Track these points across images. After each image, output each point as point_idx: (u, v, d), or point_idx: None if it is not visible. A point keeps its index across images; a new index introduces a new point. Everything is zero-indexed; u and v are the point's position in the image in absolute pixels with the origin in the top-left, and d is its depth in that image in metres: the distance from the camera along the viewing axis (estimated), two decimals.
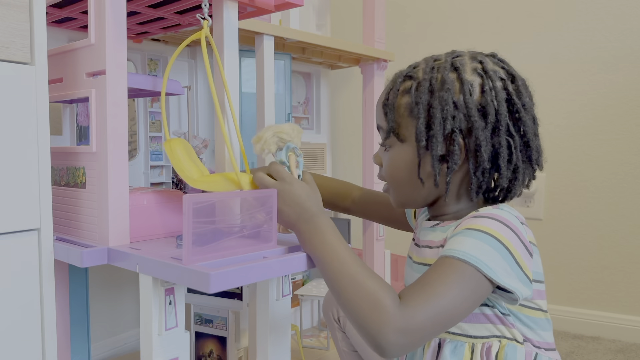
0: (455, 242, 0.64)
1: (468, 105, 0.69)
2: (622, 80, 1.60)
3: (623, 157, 1.60)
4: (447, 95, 0.69)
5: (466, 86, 0.69)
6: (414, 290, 0.60)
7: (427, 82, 0.71)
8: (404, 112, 0.73)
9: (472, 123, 0.69)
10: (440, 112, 0.69)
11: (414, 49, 1.93)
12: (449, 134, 0.69)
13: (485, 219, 0.66)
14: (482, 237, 0.63)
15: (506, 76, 0.72)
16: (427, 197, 0.76)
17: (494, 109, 0.69)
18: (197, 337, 1.22)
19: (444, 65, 0.72)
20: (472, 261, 0.60)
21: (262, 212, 0.73)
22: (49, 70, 0.70)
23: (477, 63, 0.72)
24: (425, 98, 0.70)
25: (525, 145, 0.71)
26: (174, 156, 0.80)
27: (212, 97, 1.40)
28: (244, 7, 0.91)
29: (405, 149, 0.74)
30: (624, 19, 1.58)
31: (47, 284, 0.70)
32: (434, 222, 0.77)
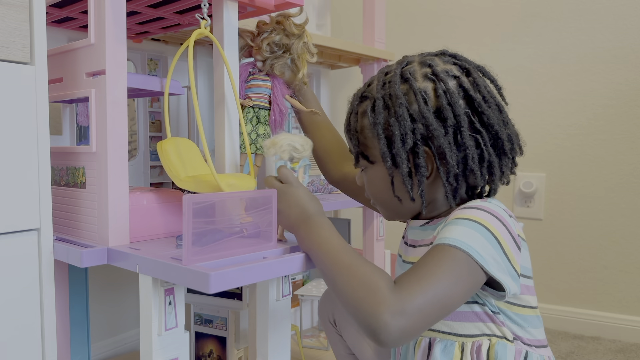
0: (445, 231, 0.64)
1: (424, 114, 0.67)
2: (622, 80, 1.60)
3: (623, 157, 1.60)
4: (400, 110, 0.68)
5: (419, 95, 0.68)
6: (407, 275, 0.60)
7: (381, 100, 0.70)
8: (368, 134, 0.73)
9: (431, 132, 0.67)
10: (398, 129, 0.68)
11: (414, 49, 1.93)
12: (411, 148, 0.68)
13: (474, 210, 0.66)
14: (472, 225, 0.63)
15: (459, 72, 0.71)
16: (412, 210, 0.75)
17: (451, 112, 0.68)
18: (197, 337, 1.22)
19: (394, 78, 0.70)
20: (463, 247, 0.60)
21: (262, 213, 0.73)
22: (49, 70, 0.70)
23: (427, 67, 0.71)
24: (381, 117, 0.70)
25: (495, 137, 0.69)
26: (164, 155, 0.80)
27: (212, 97, 1.40)
28: (244, 7, 0.91)
29: (376, 169, 0.74)
30: (624, 19, 1.58)
31: (46, 284, 0.70)
32: (423, 221, 0.76)
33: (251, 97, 0.89)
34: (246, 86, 0.90)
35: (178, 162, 0.81)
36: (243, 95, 0.89)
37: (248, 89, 0.90)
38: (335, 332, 0.94)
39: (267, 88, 0.90)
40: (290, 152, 0.76)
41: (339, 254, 0.63)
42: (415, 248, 0.76)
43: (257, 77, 0.90)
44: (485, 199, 0.70)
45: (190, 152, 0.85)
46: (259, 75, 0.90)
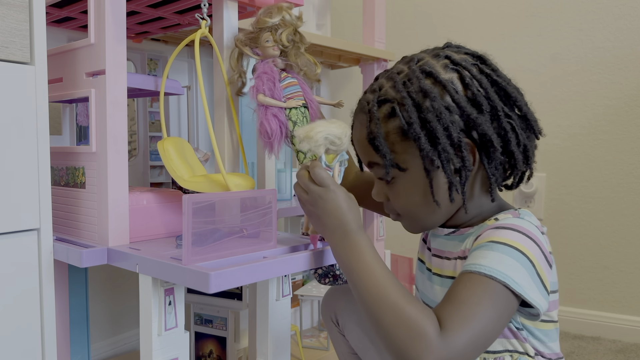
0: (480, 256, 0.61)
1: (460, 104, 0.65)
2: (622, 80, 1.60)
3: (623, 157, 1.60)
4: (436, 103, 0.64)
5: (449, 86, 0.65)
6: (449, 313, 0.57)
7: (408, 98, 0.66)
8: (396, 139, 0.68)
9: (471, 120, 0.65)
10: (439, 123, 0.64)
11: (414, 49, 1.93)
12: (455, 141, 0.65)
13: (508, 231, 0.63)
14: (507, 250, 0.60)
15: (476, 60, 0.70)
16: (447, 215, 0.72)
17: (485, 97, 0.66)
18: (197, 337, 1.22)
19: (415, 74, 0.67)
20: (501, 278, 0.58)
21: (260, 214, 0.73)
22: (49, 70, 0.70)
23: (444, 59, 0.68)
24: (415, 116, 0.65)
25: (525, 119, 0.68)
26: (166, 156, 0.80)
27: (212, 97, 1.40)
28: (244, 7, 0.91)
29: (410, 175, 0.69)
30: (624, 19, 1.58)
31: (46, 284, 0.70)
32: (448, 230, 0.73)
33: (293, 96, 0.80)
34: (282, 86, 0.80)
35: (180, 162, 0.81)
36: (281, 97, 0.79)
37: (286, 89, 0.80)
38: (337, 332, 0.94)
39: (298, 85, 0.82)
40: (326, 146, 0.68)
41: (383, 287, 0.59)
42: (442, 260, 0.74)
43: (285, 75, 0.81)
44: (517, 214, 0.68)
45: (186, 151, 0.85)
46: (285, 74, 0.81)
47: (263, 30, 0.79)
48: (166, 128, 0.86)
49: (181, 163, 0.81)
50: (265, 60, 0.80)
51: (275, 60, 0.80)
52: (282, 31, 0.78)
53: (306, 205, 0.68)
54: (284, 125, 0.78)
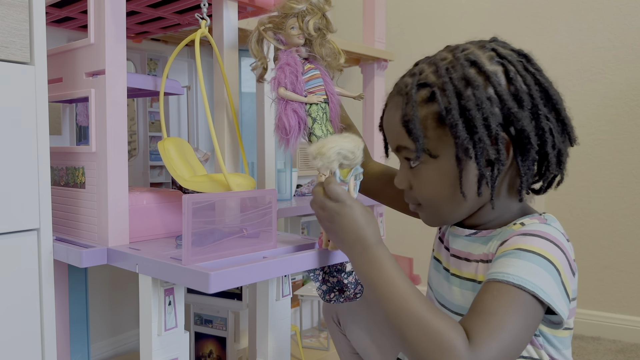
0: (507, 264, 0.60)
1: (502, 96, 0.63)
2: (622, 80, 1.60)
3: (623, 157, 1.60)
4: (478, 92, 0.63)
5: (493, 78, 0.64)
6: (478, 325, 0.56)
7: (450, 84, 0.64)
8: (431, 124, 0.65)
9: (512, 114, 0.63)
10: (479, 112, 0.62)
11: (413, 48, 1.93)
12: (493, 132, 0.63)
13: (535, 238, 0.62)
14: (536, 259, 0.59)
15: (521, 57, 0.68)
16: (469, 211, 0.70)
17: (527, 94, 0.64)
18: (197, 337, 1.22)
19: (460, 62, 0.65)
20: (529, 287, 0.57)
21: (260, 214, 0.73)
22: (49, 70, 0.70)
23: (490, 51, 0.67)
24: (455, 102, 0.63)
25: (562, 124, 0.66)
26: (167, 156, 0.80)
27: (212, 96, 1.40)
28: (244, 7, 0.91)
29: (440, 163, 0.67)
30: (624, 19, 1.58)
31: (46, 284, 0.70)
32: (470, 231, 0.72)
33: (315, 91, 0.75)
34: (305, 79, 0.75)
35: (180, 162, 0.81)
36: (302, 91, 0.74)
37: (308, 82, 0.75)
38: (339, 332, 0.94)
39: (320, 78, 0.76)
40: (339, 161, 0.66)
41: (407, 301, 0.58)
42: (460, 261, 0.72)
43: (308, 66, 0.76)
44: (544, 219, 0.67)
45: (186, 151, 0.85)
46: (308, 65, 0.76)
47: (288, 16, 0.74)
48: (166, 128, 0.86)
49: (182, 163, 0.81)
50: (289, 50, 0.75)
51: (299, 50, 0.75)
52: (310, 19, 0.74)
53: (323, 222, 0.67)
54: (303, 122, 0.74)
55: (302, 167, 1.69)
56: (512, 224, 0.68)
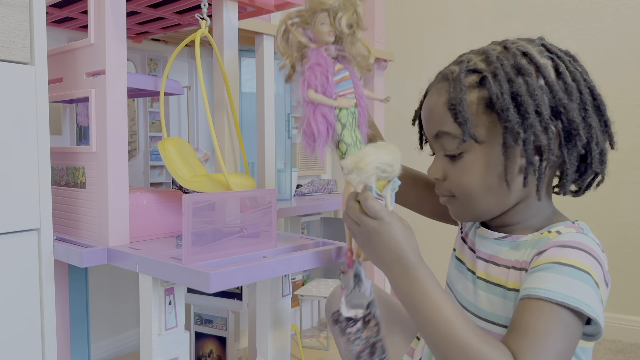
0: (547, 279, 0.59)
1: (553, 87, 0.63)
2: (622, 80, 1.60)
3: (623, 157, 1.60)
4: (530, 79, 0.63)
5: (544, 69, 0.64)
6: (523, 347, 0.55)
7: (501, 70, 0.64)
8: (478, 109, 0.64)
9: (562, 105, 0.63)
10: (530, 98, 0.62)
11: (413, 48, 1.93)
12: (545, 119, 0.62)
13: (575, 251, 0.61)
14: (576, 273, 0.58)
15: (569, 56, 0.69)
16: (506, 206, 0.68)
17: (576, 89, 0.65)
18: (197, 337, 1.22)
19: (510, 52, 0.65)
20: (573, 303, 0.57)
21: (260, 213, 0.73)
22: (49, 70, 0.70)
23: (539, 46, 0.68)
24: (507, 87, 0.63)
25: (605, 125, 0.66)
26: (167, 156, 0.80)
27: (212, 96, 1.40)
28: (244, 7, 0.91)
29: (485, 150, 0.65)
30: (624, 19, 1.58)
31: (47, 284, 0.70)
32: (499, 234, 0.70)
33: (345, 94, 0.70)
34: (335, 81, 0.70)
35: (181, 162, 0.81)
36: (333, 94, 0.69)
37: (339, 84, 0.70)
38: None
39: (350, 79, 0.71)
40: (377, 175, 0.63)
41: (453, 326, 0.57)
42: (488, 264, 0.70)
43: (338, 67, 0.71)
44: (580, 228, 0.66)
45: (186, 151, 0.85)
46: (338, 65, 0.71)
47: (318, 11, 0.68)
48: (166, 128, 0.86)
49: (182, 163, 0.81)
50: (318, 48, 0.69)
51: (328, 48, 0.70)
52: (342, 15, 0.68)
53: (359, 237, 0.65)
54: (332, 127, 0.69)
55: (302, 167, 1.69)
56: (546, 231, 0.66)
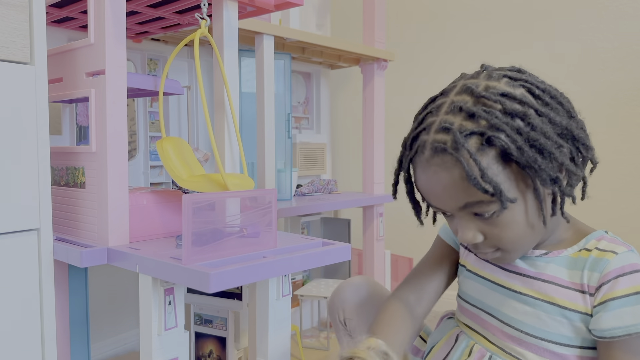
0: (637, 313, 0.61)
1: (548, 115, 0.64)
2: (622, 80, 1.60)
3: (623, 157, 1.60)
4: (531, 120, 0.61)
5: (528, 101, 0.63)
6: None
7: (501, 122, 0.61)
8: (497, 169, 0.62)
9: (564, 127, 0.65)
10: (545, 137, 0.61)
11: (413, 49, 1.93)
12: (567, 150, 0.64)
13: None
14: None
15: (522, 73, 0.68)
16: (543, 234, 0.70)
17: (558, 103, 0.66)
18: (197, 337, 1.22)
19: (489, 99, 0.63)
20: None
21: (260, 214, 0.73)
22: (49, 70, 0.70)
23: (503, 78, 0.66)
24: (519, 138, 0.61)
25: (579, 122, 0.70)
26: (165, 156, 0.80)
27: (212, 96, 1.40)
28: (244, 7, 0.91)
29: (518, 204, 0.64)
30: (624, 19, 1.58)
31: (46, 284, 0.70)
32: (539, 252, 0.71)
33: None
34: None
35: (179, 162, 0.81)
36: None
37: None
38: (345, 333, 0.93)
39: None
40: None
41: None
42: (537, 281, 0.70)
43: None
44: (626, 245, 0.69)
45: (185, 151, 0.85)
46: None
47: None
48: (166, 128, 0.87)
49: (180, 163, 0.81)
50: None
51: None
52: None
53: None
54: None
55: (302, 167, 1.69)
56: (595, 249, 0.69)
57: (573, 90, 1.84)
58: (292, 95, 1.71)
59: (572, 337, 0.66)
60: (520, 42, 1.75)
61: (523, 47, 1.74)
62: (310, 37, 1.39)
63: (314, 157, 1.73)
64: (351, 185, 1.99)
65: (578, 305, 0.66)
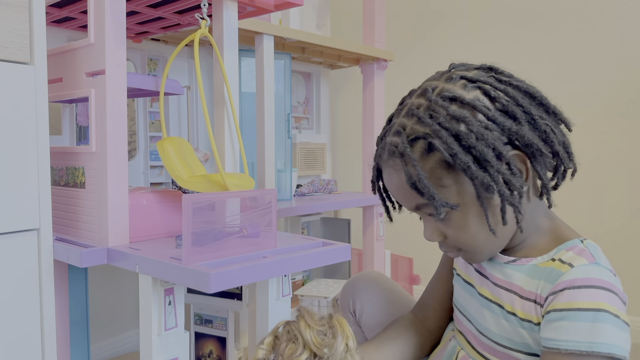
0: (572, 330, 0.58)
1: (496, 119, 0.62)
2: (622, 80, 1.60)
3: (623, 157, 1.60)
4: (472, 126, 0.61)
5: (477, 105, 0.62)
6: None
7: (442, 129, 0.61)
8: (441, 173, 0.63)
9: (513, 133, 0.62)
10: (484, 144, 0.60)
11: (413, 48, 1.93)
12: (506, 158, 0.61)
13: (591, 291, 0.60)
14: (600, 317, 0.58)
15: (489, 72, 0.67)
16: (509, 238, 0.68)
17: (515, 105, 0.63)
18: (197, 337, 1.22)
19: (437, 104, 0.63)
20: (604, 350, 0.57)
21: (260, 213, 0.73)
22: (49, 70, 0.70)
23: (460, 80, 0.65)
24: (457, 146, 0.60)
25: (553, 115, 0.66)
26: (165, 156, 0.80)
27: (212, 96, 1.40)
28: (244, 7, 0.91)
29: (466, 206, 0.64)
30: (624, 19, 1.58)
31: (46, 284, 0.70)
32: (508, 258, 0.69)
33: None
34: None
35: (179, 162, 0.81)
36: None
37: None
38: (354, 323, 0.93)
39: None
40: None
41: None
42: (502, 290, 0.69)
43: None
44: (591, 257, 0.64)
45: (186, 151, 0.85)
46: None
47: None
48: (166, 128, 0.86)
49: (180, 163, 0.81)
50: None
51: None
52: None
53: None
54: None
55: (302, 167, 1.69)
56: (558, 260, 0.64)
57: (573, 90, 1.85)
58: (292, 95, 1.71)
59: (536, 348, 0.65)
60: (520, 43, 1.75)
61: (523, 47, 1.74)
62: (310, 37, 1.39)
63: (314, 157, 1.73)
64: (351, 185, 1.99)
65: (532, 316, 0.64)
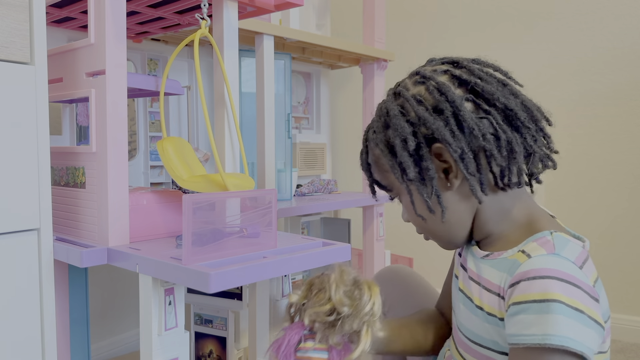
0: (528, 323, 0.57)
1: (420, 114, 0.65)
2: (622, 80, 1.60)
3: (623, 157, 1.60)
4: (396, 120, 0.66)
5: (411, 100, 0.66)
6: None
7: (379, 121, 0.70)
8: (381, 162, 0.71)
9: (431, 127, 0.64)
10: (397, 136, 0.66)
11: (413, 49, 1.93)
12: (415, 151, 0.65)
13: (545, 282, 0.58)
14: (554, 308, 0.56)
15: (449, 66, 0.68)
16: (464, 226, 0.70)
17: (446, 101, 0.64)
18: (197, 337, 1.22)
19: (387, 100, 0.71)
20: (557, 342, 0.55)
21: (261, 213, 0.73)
22: (49, 70, 0.70)
23: (415, 75, 0.70)
24: (382, 135, 0.69)
25: (505, 111, 0.65)
26: (165, 156, 0.80)
27: (212, 96, 1.40)
28: (244, 7, 0.91)
29: (400, 192, 0.73)
30: (624, 19, 1.58)
31: (46, 284, 0.70)
32: (483, 253, 0.70)
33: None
34: None
35: (179, 162, 0.81)
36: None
37: None
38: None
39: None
40: None
41: None
42: (473, 283, 0.70)
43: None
44: (551, 247, 0.63)
45: (186, 151, 0.85)
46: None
47: None
48: (166, 128, 0.86)
49: (180, 163, 0.81)
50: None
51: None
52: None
53: None
54: None
55: (302, 167, 1.69)
56: (520, 251, 0.64)
57: (573, 90, 1.85)
58: (292, 95, 1.71)
59: (504, 346, 0.64)
60: (520, 42, 1.75)
61: (524, 47, 1.74)
62: (310, 37, 1.39)
63: (314, 157, 1.73)
64: (351, 185, 1.99)
65: (495, 310, 0.64)
